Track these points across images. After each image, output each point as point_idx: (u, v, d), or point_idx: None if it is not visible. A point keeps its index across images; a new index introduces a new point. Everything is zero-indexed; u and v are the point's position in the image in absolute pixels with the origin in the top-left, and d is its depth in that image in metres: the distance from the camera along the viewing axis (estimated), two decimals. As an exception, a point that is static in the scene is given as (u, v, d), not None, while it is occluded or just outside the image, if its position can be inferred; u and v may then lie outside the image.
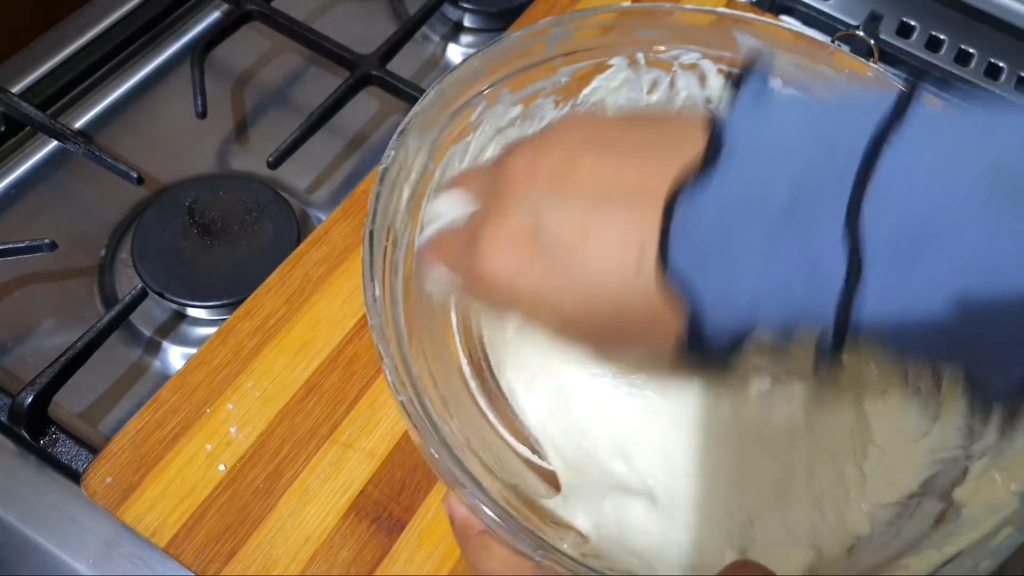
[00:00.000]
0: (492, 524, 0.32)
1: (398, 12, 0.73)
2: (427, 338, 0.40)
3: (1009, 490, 0.34)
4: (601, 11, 0.45)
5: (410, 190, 0.41)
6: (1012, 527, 0.32)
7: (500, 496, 0.34)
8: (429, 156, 0.42)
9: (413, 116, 0.40)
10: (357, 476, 0.45)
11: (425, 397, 0.35)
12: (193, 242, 0.55)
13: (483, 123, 0.45)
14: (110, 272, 0.56)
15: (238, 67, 0.68)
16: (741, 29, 0.45)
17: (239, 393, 0.46)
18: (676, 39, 0.47)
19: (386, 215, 0.38)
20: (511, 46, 0.44)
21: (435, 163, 0.42)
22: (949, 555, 0.33)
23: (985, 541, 0.32)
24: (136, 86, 0.65)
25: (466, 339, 0.44)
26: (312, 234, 0.52)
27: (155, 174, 0.60)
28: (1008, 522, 0.33)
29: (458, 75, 0.42)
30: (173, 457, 0.44)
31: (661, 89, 0.49)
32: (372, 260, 0.36)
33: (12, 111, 0.58)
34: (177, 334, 0.55)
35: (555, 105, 0.47)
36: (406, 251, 0.40)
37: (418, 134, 0.41)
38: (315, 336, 0.48)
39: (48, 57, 0.63)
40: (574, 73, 0.47)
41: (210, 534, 0.42)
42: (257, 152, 0.62)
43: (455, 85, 0.42)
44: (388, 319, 0.36)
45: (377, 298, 0.36)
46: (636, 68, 0.48)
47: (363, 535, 0.43)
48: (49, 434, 0.47)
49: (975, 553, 0.32)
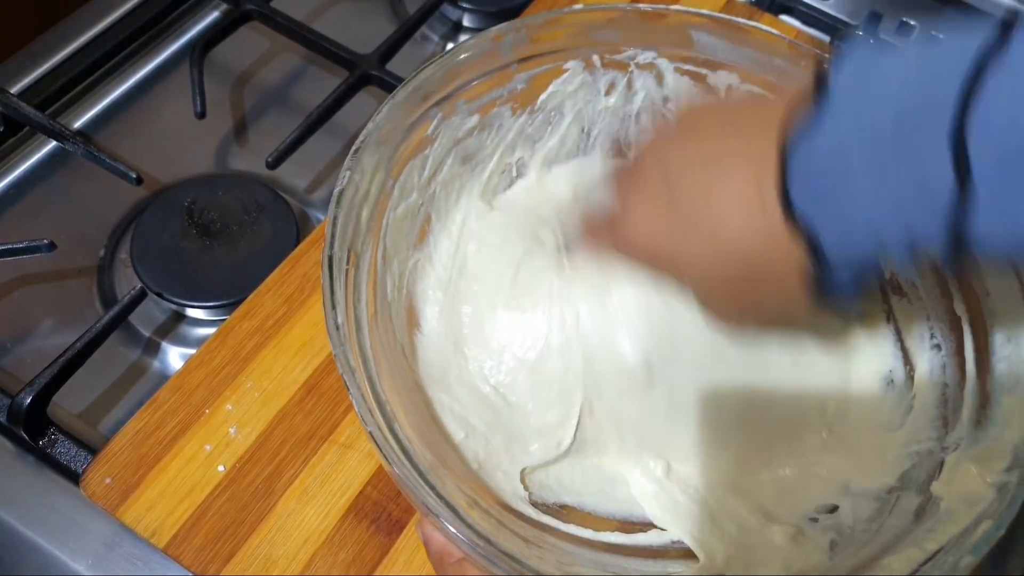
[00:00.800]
0: (466, 548, 0.32)
1: (398, 12, 0.73)
2: (393, 361, 0.40)
3: (985, 482, 0.35)
4: (555, 14, 0.45)
5: (369, 210, 0.40)
6: (990, 521, 0.33)
7: (475, 514, 0.34)
8: (386, 173, 0.41)
9: (367, 134, 0.40)
10: (356, 477, 0.45)
11: (395, 424, 0.35)
12: (192, 242, 0.55)
13: (440, 135, 0.44)
14: (109, 272, 0.56)
15: (237, 67, 0.68)
16: (697, 27, 0.45)
17: (238, 393, 0.46)
18: (632, 40, 0.46)
19: (345, 238, 0.38)
20: (465, 55, 0.43)
21: (392, 179, 0.42)
22: (930, 552, 0.33)
23: (964, 537, 0.33)
24: (135, 86, 0.65)
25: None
26: (311, 234, 0.52)
27: (154, 174, 0.60)
28: (985, 516, 0.33)
29: (412, 89, 0.42)
30: (172, 458, 0.44)
31: (618, 91, 0.49)
32: (332, 287, 0.35)
33: (11, 111, 0.58)
34: (176, 334, 0.55)
35: (512, 113, 0.47)
36: (368, 273, 0.39)
37: (374, 151, 0.40)
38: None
39: (47, 57, 0.63)
40: (531, 79, 0.47)
41: (209, 535, 0.42)
42: (256, 152, 0.62)
43: (409, 99, 0.42)
44: (353, 346, 0.35)
45: (340, 325, 0.35)
46: (592, 71, 0.48)
47: (362, 536, 0.43)
48: (48, 435, 0.47)
49: (955, 549, 0.33)
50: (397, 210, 0.43)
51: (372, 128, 0.40)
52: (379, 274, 0.41)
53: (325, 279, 0.36)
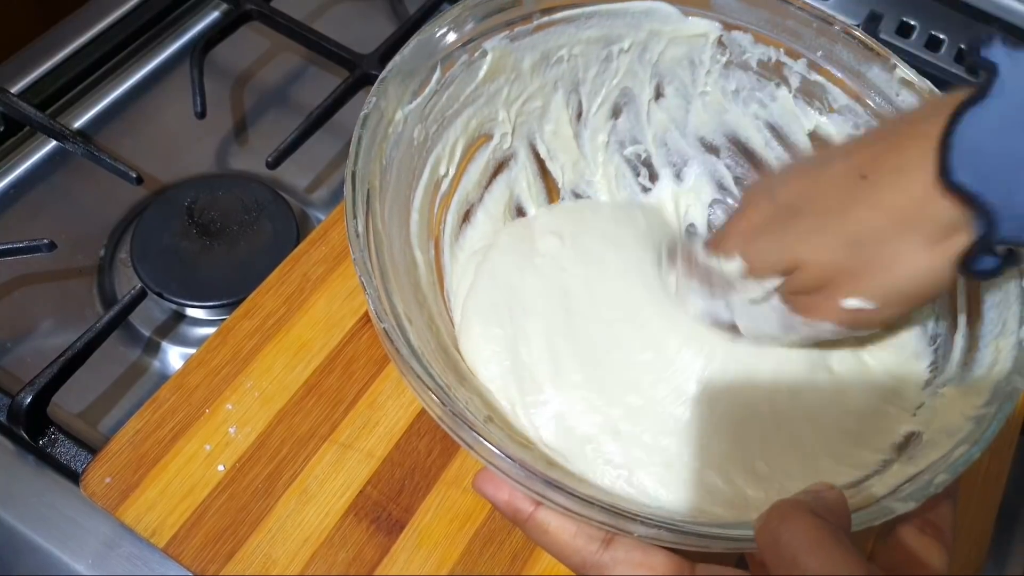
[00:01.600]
0: (539, 488, 0.32)
1: (398, 12, 0.73)
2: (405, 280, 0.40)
3: (965, 416, 0.36)
4: None
5: (394, 135, 0.41)
6: (967, 444, 0.34)
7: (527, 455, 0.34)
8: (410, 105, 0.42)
9: (394, 65, 0.40)
10: (356, 476, 0.45)
11: (408, 330, 0.35)
12: (192, 242, 0.55)
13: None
14: (109, 272, 0.56)
15: (237, 67, 0.68)
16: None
17: (238, 393, 0.46)
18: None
19: (368, 158, 0.38)
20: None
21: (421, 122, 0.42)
22: (910, 475, 0.34)
23: (942, 460, 0.34)
24: (135, 86, 0.65)
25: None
26: (311, 234, 0.52)
27: (154, 174, 0.60)
28: (964, 442, 0.34)
29: (438, 24, 0.42)
30: (172, 457, 0.44)
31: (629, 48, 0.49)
32: (355, 198, 0.37)
33: (11, 111, 0.58)
34: (176, 334, 0.55)
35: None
36: (391, 196, 0.40)
37: (399, 83, 0.40)
38: (314, 336, 0.48)
39: (47, 57, 0.63)
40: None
41: (209, 534, 0.42)
42: (256, 152, 0.62)
43: (435, 36, 0.42)
44: (371, 254, 0.36)
45: (360, 233, 0.36)
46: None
47: (362, 535, 0.43)
48: (48, 434, 0.47)
49: (932, 469, 0.34)
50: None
51: (398, 61, 0.40)
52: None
53: (348, 190, 0.37)
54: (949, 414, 0.37)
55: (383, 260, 0.37)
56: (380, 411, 0.47)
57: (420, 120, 0.42)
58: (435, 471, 0.45)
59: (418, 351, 0.34)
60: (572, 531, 0.33)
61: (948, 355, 0.41)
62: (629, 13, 0.47)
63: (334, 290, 0.50)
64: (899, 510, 0.32)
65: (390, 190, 0.40)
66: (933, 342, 0.43)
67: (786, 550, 0.28)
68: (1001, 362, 0.37)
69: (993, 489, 0.49)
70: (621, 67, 0.49)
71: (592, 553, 0.33)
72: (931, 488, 0.33)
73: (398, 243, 0.41)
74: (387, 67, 0.40)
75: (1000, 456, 0.50)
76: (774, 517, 0.29)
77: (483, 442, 0.32)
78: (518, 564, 0.43)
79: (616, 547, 0.33)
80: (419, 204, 0.44)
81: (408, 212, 0.43)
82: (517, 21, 0.45)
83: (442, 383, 0.33)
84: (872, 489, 0.34)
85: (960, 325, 0.41)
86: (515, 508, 0.34)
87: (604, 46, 0.48)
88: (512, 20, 0.44)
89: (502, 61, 0.45)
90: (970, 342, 0.40)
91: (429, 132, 0.43)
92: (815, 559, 0.27)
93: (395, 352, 0.33)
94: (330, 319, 0.49)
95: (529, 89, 0.47)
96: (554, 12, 0.46)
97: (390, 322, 0.34)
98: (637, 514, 0.31)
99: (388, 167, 0.40)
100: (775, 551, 0.28)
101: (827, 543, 0.27)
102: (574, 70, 0.48)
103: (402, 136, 0.41)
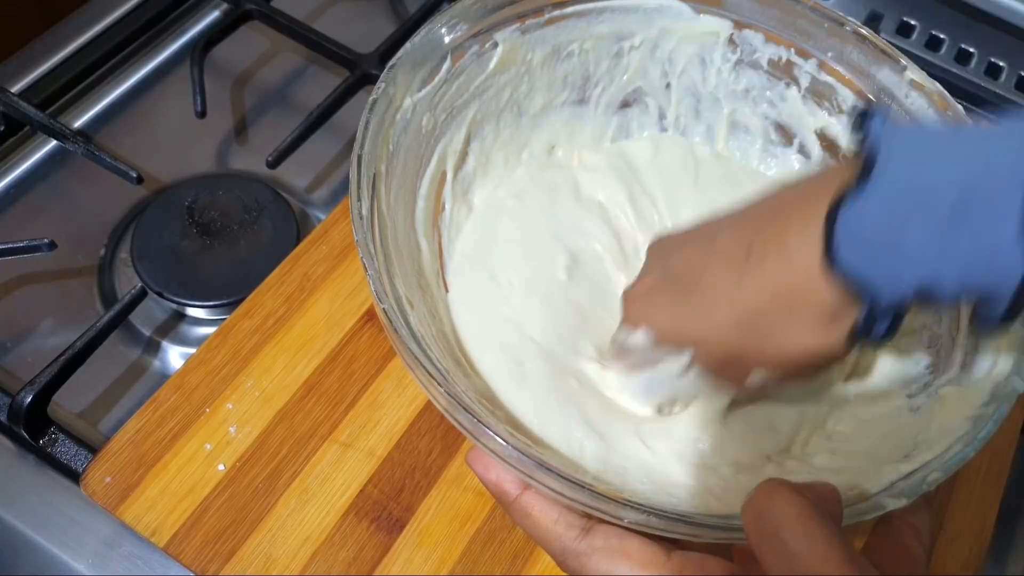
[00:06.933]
0: (528, 468, 0.32)
1: (398, 12, 0.73)
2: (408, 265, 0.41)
3: (963, 416, 0.36)
4: None
5: (401, 122, 0.41)
6: (962, 444, 0.34)
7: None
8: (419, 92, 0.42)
9: (404, 53, 0.40)
10: (356, 476, 0.45)
11: (409, 312, 0.35)
12: (192, 242, 0.55)
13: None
14: (109, 272, 0.56)
15: (237, 67, 0.68)
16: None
17: (238, 393, 0.46)
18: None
19: (375, 143, 0.38)
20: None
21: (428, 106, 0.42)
22: (904, 473, 0.34)
23: (937, 459, 0.34)
24: (135, 86, 0.65)
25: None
26: (312, 233, 0.52)
27: (155, 174, 0.60)
28: (959, 442, 0.35)
29: (450, 15, 0.42)
30: (172, 457, 0.44)
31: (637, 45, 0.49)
32: (360, 181, 0.37)
33: (12, 111, 0.58)
34: (176, 334, 0.55)
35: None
36: (397, 182, 0.40)
37: (408, 71, 0.41)
38: (314, 336, 0.48)
39: (47, 57, 0.63)
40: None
41: (209, 534, 0.42)
42: (256, 152, 0.62)
43: (447, 26, 0.42)
44: (375, 236, 0.36)
45: (364, 216, 0.36)
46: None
47: (362, 535, 0.43)
48: (48, 434, 0.47)
49: (926, 468, 0.34)
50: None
51: (409, 48, 0.40)
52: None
53: (353, 173, 0.37)
54: (948, 415, 0.38)
55: (386, 243, 0.37)
56: (380, 410, 0.47)
57: (429, 108, 0.42)
58: (436, 470, 0.45)
59: (417, 333, 0.34)
60: (554, 517, 0.34)
61: (948, 357, 0.41)
62: (641, 9, 0.47)
63: (334, 289, 0.50)
64: (891, 506, 0.33)
65: (396, 175, 0.40)
66: (932, 343, 0.43)
67: (768, 523, 0.28)
68: (1001, 364, 0.37)
69: (993, 489, 0.49)
70: (632, 64, 0.49)
71: (572, 540, 0.33)
72: (923, 486, 0.33)
73: (403, 228, 0.41)
74: (397, 54, 0.40)
75: (1000, 456, 0.50)
76: (760, 493, 0.29)
77: (477, 423, 0.32)
78: (518, 564, 0.43)
79: (595, 535, 0.33)
80: (426, 191, 0.44)
81: (414, 199, 0.43)
82: (529, 14, 0.45)
83: (440, 366, 0.33)
84: (865, 485, 0.35)
85: (962, 327, 0.41)
86: (502, 490, 0.35)
87: (615, 42, 0.48)
88: (524, 12, 0.44)
89: (513, 53, 0.45)
90: (971, 343, 0.40)
91: (438, 121, 0.43)
92: (796, 534, 0.27)
93: (393, 333, 0.34)
94: (330, 318, 0.49)
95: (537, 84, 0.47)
96: (566, 6, 0.46)
97: (390, 303, 0.34)
98: (627, 500, 0.31)
99: (395, 153, 0.40)
100: (758, 526, 0.28)
101: (810, 519, 0.27)
102: (584, 65, 0.48)
103: (410, 123, 0.41)
